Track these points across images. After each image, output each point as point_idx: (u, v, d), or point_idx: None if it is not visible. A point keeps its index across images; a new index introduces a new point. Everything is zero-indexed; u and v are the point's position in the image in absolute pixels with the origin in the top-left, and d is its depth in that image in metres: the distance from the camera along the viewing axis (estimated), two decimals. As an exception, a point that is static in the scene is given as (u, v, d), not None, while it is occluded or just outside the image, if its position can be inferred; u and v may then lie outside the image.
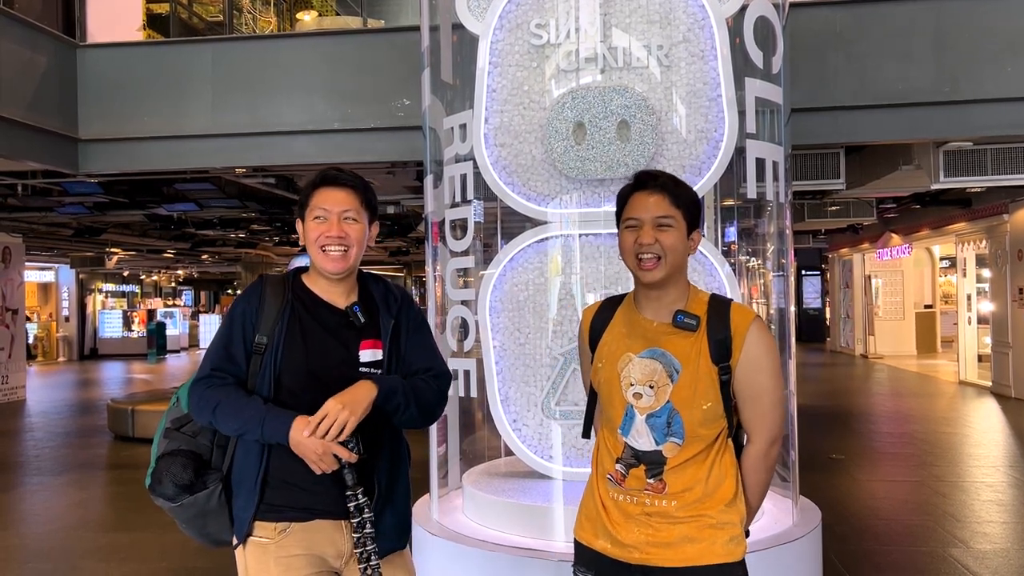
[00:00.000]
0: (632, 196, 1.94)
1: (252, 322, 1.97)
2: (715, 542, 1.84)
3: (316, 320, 2.00)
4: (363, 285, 2.09)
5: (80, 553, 5.04)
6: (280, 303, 1.99)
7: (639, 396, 1.88)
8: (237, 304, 2.03)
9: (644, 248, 1.87)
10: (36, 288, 21.93)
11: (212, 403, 1.92)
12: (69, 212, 11.94)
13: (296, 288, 2.04)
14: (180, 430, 2.01)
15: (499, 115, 3.51)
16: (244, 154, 7.39)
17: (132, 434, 8.76)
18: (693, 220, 1.92)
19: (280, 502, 1.93)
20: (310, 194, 2.02)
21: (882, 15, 6.41)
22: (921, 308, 18.20)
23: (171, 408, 2.07)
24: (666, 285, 1.91)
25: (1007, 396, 11.16)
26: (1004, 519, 5.45)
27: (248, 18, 10.34)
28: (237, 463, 1.98)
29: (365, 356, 1.99)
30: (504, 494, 3.50)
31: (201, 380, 1.97)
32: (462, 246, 3.69)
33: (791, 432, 3.73)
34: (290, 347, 1.95)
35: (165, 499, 1.96)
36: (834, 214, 12.71)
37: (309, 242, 2.00)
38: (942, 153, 7.55)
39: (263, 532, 1.94)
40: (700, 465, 1.86)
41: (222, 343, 1.98)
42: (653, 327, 1.92)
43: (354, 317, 2.00)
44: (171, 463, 1.95)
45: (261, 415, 1.87)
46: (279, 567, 1.91)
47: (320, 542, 1.94)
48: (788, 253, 3.81)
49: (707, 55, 3.37)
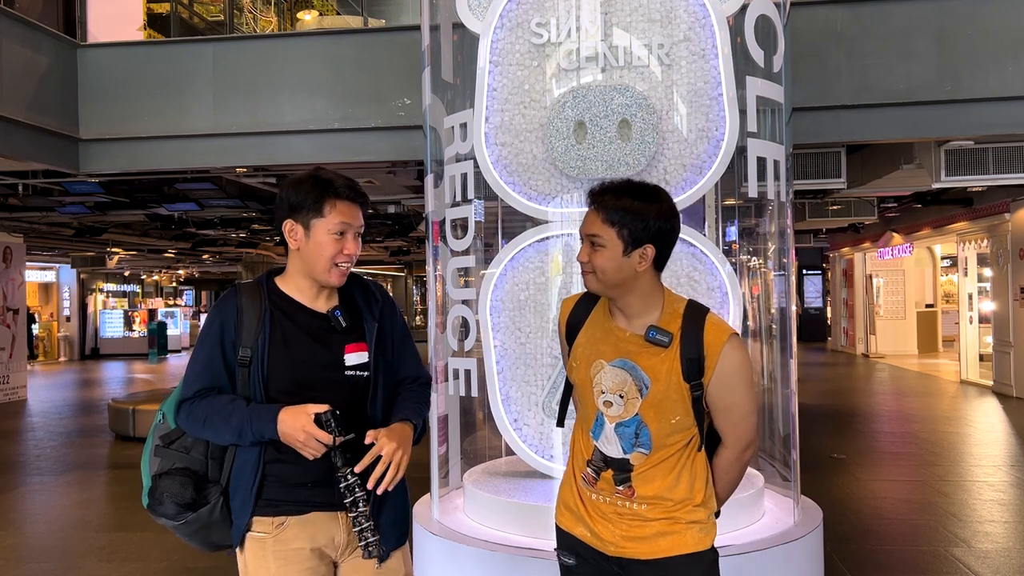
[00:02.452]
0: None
1: (232, 336, 1.94)
2: (686, 534, 1.90)
3: (297, 326, 1.98)
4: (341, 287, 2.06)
5: (81, 553, 5.04)
6: (259, 311, 1.96)
7: (609, 404, 1.90)
8: (213, 319, 1.98)
9: (582, 265, 1.90)
10: (37, 288, 21.94)
11: (200, 419, 1.93)
12: (70, 212, 11.94)
13: (272, 294, 2.01)
14: (170, 447, 1.99)
15: (500, 114, 3.50)
16: (245, 153, 7.39)
17: (133, 434, 8.77)
18: (636, 235, 1.84)
19: (277, 498, 1.95)
20: (324, 202, 1.95)
21: (883, 14, 6.40)
22: (922, 307, 18.18)
23: (157, 425, 2.04)
24: (622, 297, 1.90)
25: (1008, 395, 11.16)
26: (1006, 518, 5.44)
27: (249, 18, 10.34)
28: (235, 470, 1.99)
29: (351, 359, 1.99)
30: (505, 493, 3.50)
31: (184, 402, 1.96)
32: (463, 245, 3.68)
33: (792, 432, 3.72)
34: (275, 356, 1.94)
35: (167, 519, 1.95)
36: (835, 213, 12.70)
37: (320, 254, 1.95)
38: (943, 152, 7.54)
39: (261, 527, 1.95)
40: (668, 473, 1.90)
41: (202, 364, 1.96)
42: (625, 336, 1.91)
43: (336, 322, 1.99)
44: (170, 483, 1.94)
45: (248, 417, 1.88)
46: (277, 560, 1.93)
47: (317, 534, 1.95)
48: (789, 252, 3.80)
49: (708, 54, 3.36)
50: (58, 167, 7.34)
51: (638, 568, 1.90)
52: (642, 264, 1.87)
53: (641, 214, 1.85)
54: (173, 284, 32.36)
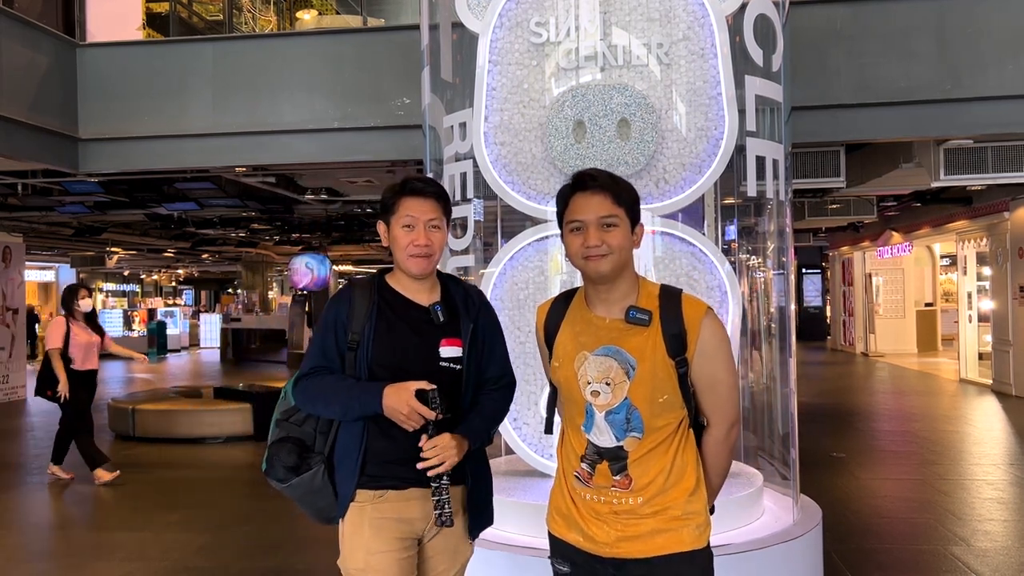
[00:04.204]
0: (573, 197, 1.97)
1: (344, 323, 2.17)
2: (682, 531, 1.90)
3: (400, 317, 2.19)
4: (444, 286, 2.26)
5: (80, 552, 5.04)
6: (368, 304, 2.18)
7: (596, 394, 1.92)
8: (329, 310, 2.22)
9: (591, 250, 1.91)
10: (37, 287, 21.94)
11: (313, 395, 2.16)
12: (69, 211, 11.95)
13: (381, 288, 2.23)
14: (289, 420, 2.24)
15: (499, 113, 3.50)
16: (244, 153, 7.39)
17: (133, 433, 8.76)
18: (635, 216, 1.97)
19: (379, 474, 2.13)
20: (396, 201, 2.18)
21: (882, 12, 6.41)
22: (922, 306, 18.19)
23: (280, 401, 2.28)
24: (615, 280, 1.94)
25: (1008, 394, 11.16)
26: (1005, 517, 5.45)
27: (248, 17, 10.34)
28: (340, 445, 2.18)
29: (445, 352, 2.17)
30: (504, 492, 3.50)
31: (302, 378, 2.19)
32: (462, 244, 3.69)
33: (791, 430, 3.72)
34: (378, 342, 2.14)
35: (277, 480, 2.19)
36: (835, 212, 12.70)
37: (398, 247, 2.17)
38: (943, 151, 7.54)
39: (362, 498, 2.14)
40: (663, 455, 1.92)
41: (318, 346, 2.20)
42: (606, 324, 1.95)
43: (435, 316, 2.18)
44: (280, 449, 2.20)
45: (355, 393, 2.09)
46: (372, 528, 2.11)
47: (411, 508, 2.13)
48: (788, 251, 3.80)
49: (707, 53, 3.36)
50: (58, 167, 7.35)
51: (634, 568, 1.90)
52: (636, 243, 1.98)
53: (636, 197, 1.99)
54: (172, 283, 32.38)
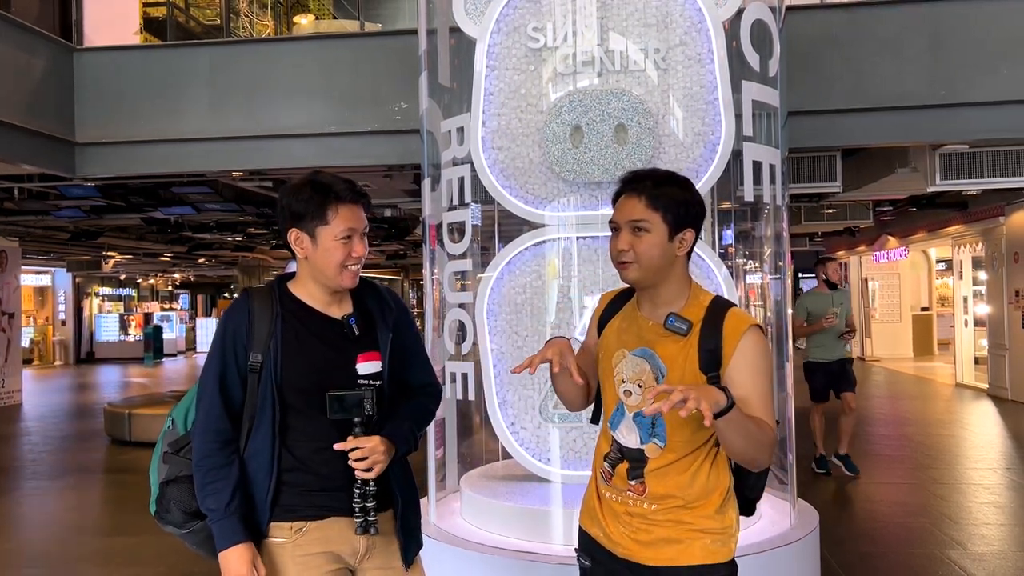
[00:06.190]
0: (617, 199, 1.94)
1: (243, 342, 1.91)
2: (693, 544, 1.83)
3: (311, 331, 1.95)
4: (355, 292, 2.03)
5: (77, 557, 5.02)
6: (270, 316, 1.92)
7: (629, 394, 1.90)
8: (226, 325, 1.95)
9: (619, 254, 1.88)
10: (32, 292, 21.88)
11: (200, 478, 1.89)
12: (66, 216, 11.91)
13: (284, 299, 1.98)
14: (179, 453, 1.96)
15: (496, 118, 3.51)
16: (241, 157, 7.38)
17: (129, 438, 8.74)
18: (679, 220, 1.87)
19: (295, 504, 1.92)
20: (326, 209, 1.91)
21: (878, 19, 6.43)
22: (918, 311, 18.23)
23: (166, 431, 2.00)
24: (655, 285, 1.90)
25: (1004, 398, 11.18)
26: (1001, 521, 5.46)
27: (245, 22, 10.35)
28: (249, 476, 1.92)
29: (363, 368, 1.96)
30: (502, 497, 3.50)
31: (205, 433, 1.90)
32: (460, 249, 3.69)
33: (788, 435, 3.73)
34: (288, 361, 1.91)
35: (174, 527, 1.94)
36: (831, 217, 12.72)
37: (329, 260, 1.92)
38: (938, 156, 7.56)
39: (279, 533, 1.91)
40: (682, 473, 1.85)
41: (214, 372, 1.92)
42: (648, 326, 1.92)
43: (349, 330, 1.97)
44: (177, 491, 1.92)
45: (219, 516, 1.85)
46: (297, 567, 1.90)
47: (336, 539, 1.93)
48: (785, 256, 3.81)
49: (704, 58, 3.38)
50: (54, 171, 7.32)
51: (645, 574, 1.87)
52: (681, 249, 1.89)
53: (684, 199, 1.89)
54: (169, 288, 32.29)
